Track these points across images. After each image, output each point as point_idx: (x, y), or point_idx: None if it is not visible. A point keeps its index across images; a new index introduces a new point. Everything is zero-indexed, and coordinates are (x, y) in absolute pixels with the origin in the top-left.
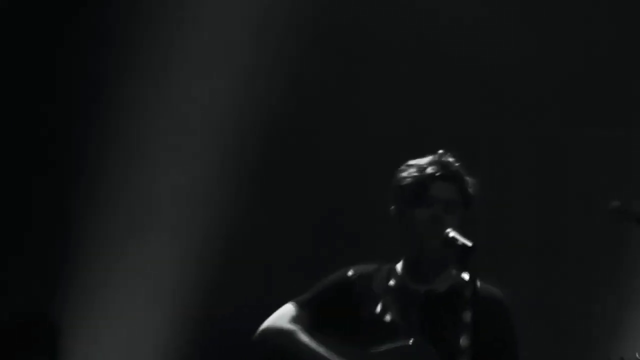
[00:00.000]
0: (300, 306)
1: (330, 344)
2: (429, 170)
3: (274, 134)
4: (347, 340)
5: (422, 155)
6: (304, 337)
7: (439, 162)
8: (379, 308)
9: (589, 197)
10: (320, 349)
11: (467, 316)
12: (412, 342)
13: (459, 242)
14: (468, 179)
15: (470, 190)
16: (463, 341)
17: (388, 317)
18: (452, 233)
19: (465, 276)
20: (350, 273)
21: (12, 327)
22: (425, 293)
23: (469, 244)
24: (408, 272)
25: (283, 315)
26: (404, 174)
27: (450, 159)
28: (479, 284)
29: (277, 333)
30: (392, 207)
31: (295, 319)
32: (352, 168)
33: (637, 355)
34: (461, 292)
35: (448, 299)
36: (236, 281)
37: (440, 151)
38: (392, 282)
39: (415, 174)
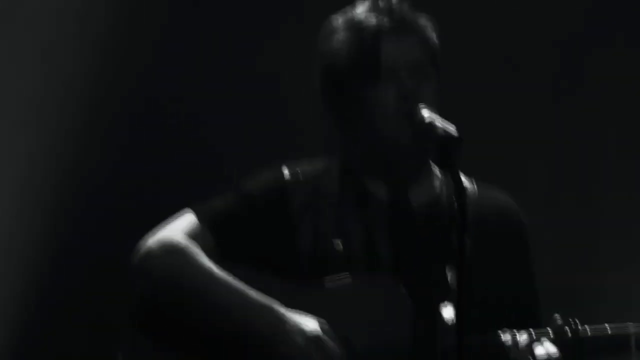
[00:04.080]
0: (205, 220)
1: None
2: (372, 24)
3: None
4: (278, 273)
5: None
6: (207, 261)
7: (381, 8)
8: (326, 227)
9: None
10: (233, 280)
11: (458, 238)
12: (375, 278)
13: (439, 130)
14: (428, 21)
15: (437, 41)
16: (452, 276)
17: (340, 241)
18: (428, 116)
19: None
20: (285, 173)
21: None
22: (395, 205)
23: (453, 131)
24: (370, 174)
25: (178, 228)
26: (334, 42)
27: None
28: (474, 187)
29: (168, 250)
30: (325, 95)
31: (195, 236)
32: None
33: (556, 317)
34: (448, 202)
35: (429, 213)
36: None
37: None
38: (347, 190)
39: (352, 36)
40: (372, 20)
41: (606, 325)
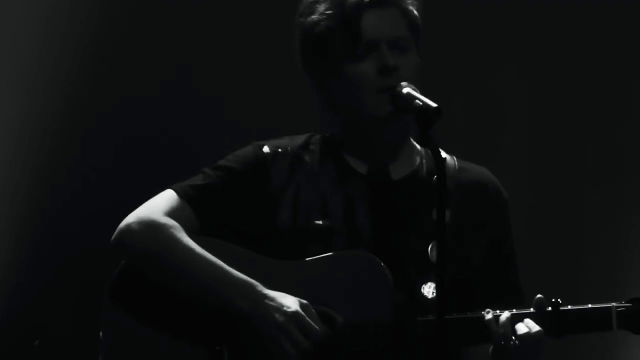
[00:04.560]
0: (186, 196)
1: (228, 252)
2: None
3: None
4: (257, 247)
5: None
6: (187, 239)
7: None
8: (307, 202)
9: None
10: (212, 257)
11: (439, 213)
12: (355, 253)
13: (417, 102)
14: None
15: (417, 12)
16: (433, 251)
17: (319, 216)
18: (406, 88)
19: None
20: (265, 149)
21: None
22: (376, 180)
23: (432, 104)
24: (350, 149)
25: (158, 206)
26: (315, 15)
27: None
28: (455, 162)
29: (148, 228)
30: (306, 69)
31: (175, 213)
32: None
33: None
34: (428, 177)
35: (409, 187)
36: None
37: None
38: (327, 163)
39: (332, 9)
40: None
41: (589, 305)
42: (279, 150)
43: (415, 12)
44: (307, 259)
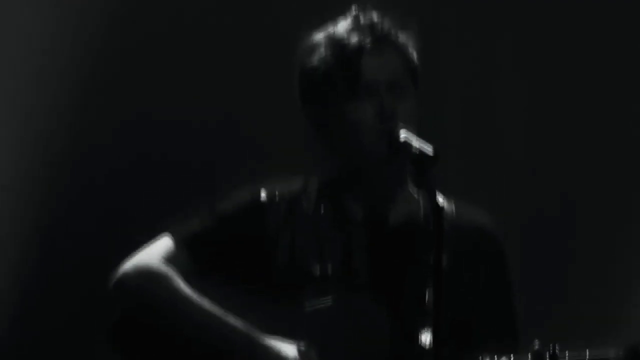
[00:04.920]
0: (183, 242)
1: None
2: (353, 41)
3: None
4: (253, 292)
5: None
6: (184, 286)
7: (363, 24)
8: (303, 248)
9: None
10: (210, 305)
11: (436, 259)
12: (352, 299)
13: (414, 148)
14: (409, 37)
15: (417, 58)
16: (430, 296)
17: (317, 263)
18: (404, 134)
19: (437, 199)
20: (262, 195)
21: None
22: (373, 225)
23: (429, 150)
24: (347, 193)
25: (155, 253)
26: (314, 57)
27: (377, 15)
28: (452, 207)
29: (145, 276)
30: (305, 110)
31: (172, 259)
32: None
33: (535, 342)
34: (425, 222)
35: (406, 232)
36: None
37: (356, 8)
38: (323, 209)
39: (332, 52)
40: (354, 36)
41: (587, 350)
42: (276, 195)
43: (414, 55)
44: (304, 305)
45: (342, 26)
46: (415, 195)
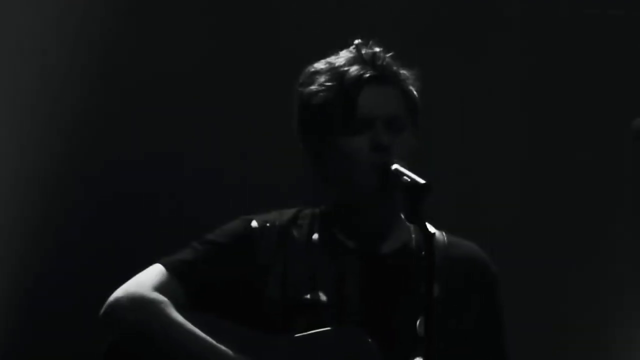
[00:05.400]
0: (174, 271)
1: (216, 327)
2: (353, 72)
3: None
4: (245, 321)
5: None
6: (176, 314)
7: (364, 57)
8: (295, 277)
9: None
10: (202, 335)
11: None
12: (344, 329)
13: (406, 179)
14: (410, 75)
15: (416, 93)
16: (421, 326)
17: (309, 291)
18: (395, 165)
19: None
20: (254, 224)
21: None
22: (365, 255)
23: (420, 180)
24: (340, 224)
25: (146, 282)
26: (314, 86)
27: (379, 50)
28: (444, 238)
29: (137, 305)
30: (301, 139)
31: (164, 288)
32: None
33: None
34: (417, 253)
35: (398, 262)
36: None
37: (358, 41)
38: (316, 237)
39: (332, 82)
40: (354, 69)
41: None
42: (267, 224)
43: (415, 92)
44: (295, 334)
45: (344, 58)
46: (408, 226)
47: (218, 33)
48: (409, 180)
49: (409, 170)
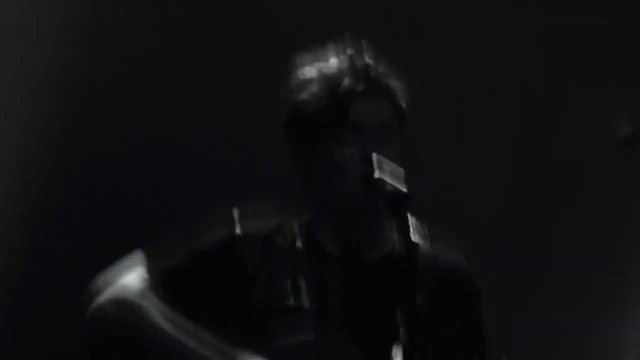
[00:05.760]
0: (157, 277)
1: (200, 334)
2: (346, 84)
3: None
4: (227, 328)
5: None
6: (161, 319)
7: (356, 68)
8: (279, 285)
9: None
10: (187, 339)
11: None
12: (327, 337)
13: (388, 186)
14: (398, 84)
15: (404, 102)
16: (404, 333)
17: (292, 299)
18: (377, 173)
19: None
20: (237, 231)
21: None
22: (350, 264)
23: (403, 189)
24: (324, 231)
25: (130, 286)
26: (305, 95)
27: (370, 59)
28: (427, 246)
29: (120, 309)
30: (289, 144)
31: (147, 294)
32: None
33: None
34: (402, 260)
35: (382, 270)
36: None
37: (350, 51)
38: (299, 245)
39: (324, 92)
40: (345, 77)
41: None
42: (251, 232)
43: (404, 102)
44: (278, 344)
45: (335, 65)
46: (392, 235)
47: (216, 29)
48: (392, 189)
49: (401, 176)
